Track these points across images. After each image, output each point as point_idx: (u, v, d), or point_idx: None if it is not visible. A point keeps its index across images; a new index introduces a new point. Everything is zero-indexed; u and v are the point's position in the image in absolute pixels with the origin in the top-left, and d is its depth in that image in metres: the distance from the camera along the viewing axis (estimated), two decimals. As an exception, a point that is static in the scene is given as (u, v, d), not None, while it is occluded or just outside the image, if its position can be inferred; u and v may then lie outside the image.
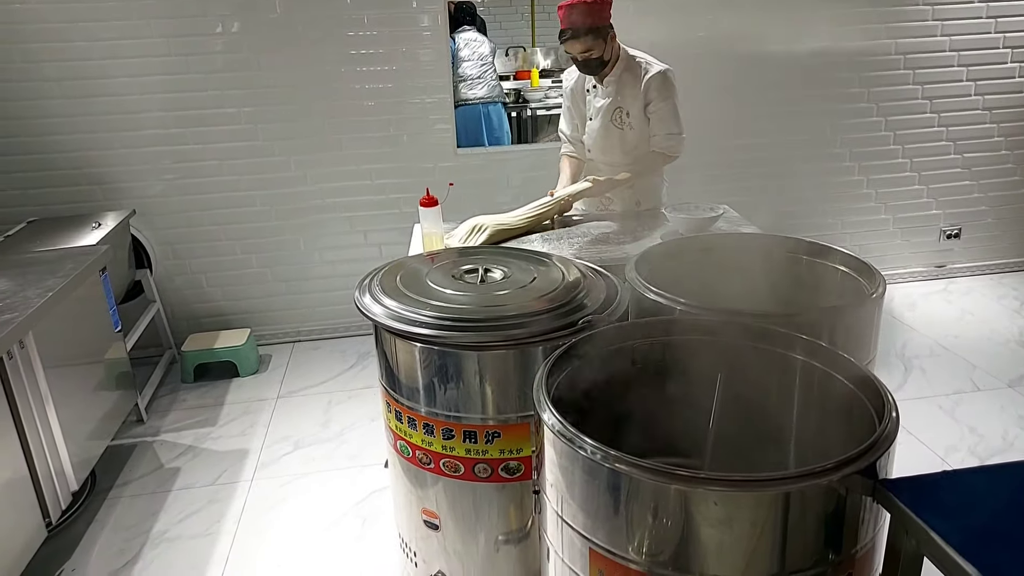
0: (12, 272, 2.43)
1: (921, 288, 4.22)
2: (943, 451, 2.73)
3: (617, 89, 2.66)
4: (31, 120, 3.34)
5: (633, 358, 1.58)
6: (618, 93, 2.66)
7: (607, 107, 2.68)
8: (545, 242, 2.42)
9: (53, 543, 2.41)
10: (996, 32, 3.90)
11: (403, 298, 1.72)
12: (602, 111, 2.70)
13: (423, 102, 3.61)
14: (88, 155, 3.44)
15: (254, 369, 3.57)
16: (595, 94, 2.74)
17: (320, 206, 3.70)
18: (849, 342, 1.61)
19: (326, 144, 3.60)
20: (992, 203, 4.25)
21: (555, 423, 1.23)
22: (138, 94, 3.39)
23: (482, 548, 1.77)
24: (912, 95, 3.97)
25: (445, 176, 3.60)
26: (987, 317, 3.82)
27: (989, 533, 0.99)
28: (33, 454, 2.15)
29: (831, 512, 1.09)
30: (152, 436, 3.07)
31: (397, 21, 3.47)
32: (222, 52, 3.39)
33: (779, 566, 1.10)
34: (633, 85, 2.64)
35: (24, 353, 2.14)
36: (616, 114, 2.68)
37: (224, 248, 3.69)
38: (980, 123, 4.08)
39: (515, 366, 1.61)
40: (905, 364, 3.36)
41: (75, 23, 3.24)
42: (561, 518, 1.25)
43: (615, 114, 2.68)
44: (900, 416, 1.19)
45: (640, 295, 1.73)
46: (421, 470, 1.75)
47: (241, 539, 2.46)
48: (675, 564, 1.11)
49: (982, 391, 3.12)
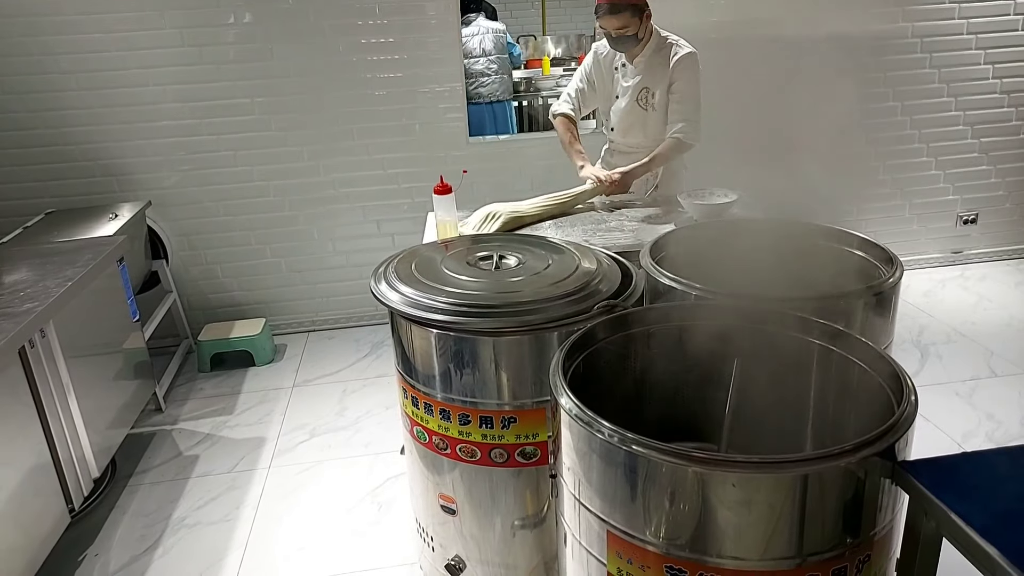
0: (32, 263, 2.46)
1: (938, 274, 4.19)
2: (960, 437, 2.71)
3: (647, 69, 2.67)
4: (48, 112, 3.37)
5: (649, 343, 1.58)
6: (647, 73, 2.67)
7: (635, 86, 2.70)
8: (558, 229, 2.42)
9: (76, 529, 2.45)
10: (1014, 14, 3.85)
11: (419, 285, 1.72)
12: (629, 90, 2.72)
13: (434, 91, 3.61)
14: (104, 147, 3.46)
15: (270, 358, 3.60)
16: (624, 72, 2.74)
17: (333, 196, 3.71)
18: (866, 327, 1.60)
19: (339, 134, 3.61)
20: (1010, 188, 4.20)
21: (572, 407, 1.23)
22: (153, 85, 3.40)
23: (499, 533, 1.78)
24: (929, 79, 3.92)
25: (458, 165, 3.60)
26: (1005, 303, 3.79)
27: (1011, 514, 0.99)
28: (55, 441, 2.19)
29: (850, 494, 1.09)
30: (171, 424, 3.11)
31: (408, 10, 3.47)
32: (235, 43, 3.40)
33: (797, 549, 1.10)
34: (662, 66, 2.65)
35: (45, 342, 2.17)
36: (643, 94, 2.69)
37: (239, 239, 3.71)
38: (998, 107, 4.02)
39: (531, 352, 1.62)
40: (921, 351, 3.34)
41: (90, 15, 3.26)
42: (579, 501, 1.26)
43: (641, 94, 2.70)
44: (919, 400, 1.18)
45: (655, 281, 1.73)
46: (438, 455, 1.76)
47: (259, 525, 2.48)
48: (693, 546, 1.12)
49: (999, 377, 3.10)
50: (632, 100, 2.72)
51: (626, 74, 2.74)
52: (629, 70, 2.72)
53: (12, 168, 3.42)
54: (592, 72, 2.86)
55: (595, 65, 2.84)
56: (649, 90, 2.69)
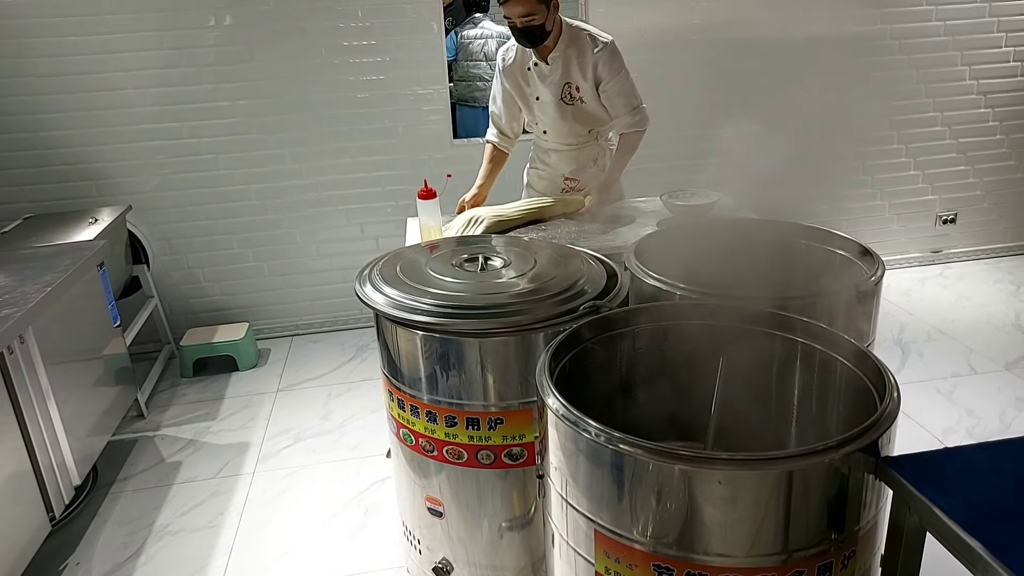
0: (10, 268, 2.42)
1: (917, 273, 4.24)
2: (941, 433, 2.75)
3: (563, 64, 2.56)
4: (25, 116, 3.33)
5: (634, 343, 1.59)
6: (564, 68, 2.56)
7: (555, 84, 2.59)
8: (542, 232, 2.43)
9: (57, 538, 2.42)
10: (990, 16, 3.91)
11: (404, 287, 1.72)
12: (550, 88, 2.60)
13: (417, 93, 3.60)
14: (83, 150, 3.42)
15: (253, 363, 3.57)
16: (539, 72, 2.61)
17: (316, 199, 3.69)
18: (848, 326, 1.62)
19: (321, 137, 3.59)
20: (988, 188, 4.27)
21: (559, 407, 1.23)
22: (132, 88, 3.37)
23: (486, 534, 1.78)
24: (907, 80, 3.97)
25: (441, 167, 3.60)
26: (984, 301, 3.84)
27: (992, 508, 1.00)
28: (35, 449, 2.16)
29: (834, 490, 1.10)
30: (153, 431, 3.07)
31: (390, 12, 3.46)
32: (216, 45, 3.38)
33: (783, 545, 1.10)
34: (579, 58, 2.54)
35: (24, 348, 2.14)
36: (565, 90, 2.58)
37: (221, 242, 3.68)
38: (975, 108, 4.09)
39: (517, 353, 1.62)
40: (903, 349, 3.38)
41: (67, 17, 3.23)
42: (566, 501, 1.26)
43: (564, 90, 2.59)
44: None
45: (640, 281, 1.74)
46: (424, 458, 1.76)
47: (244, 531, 2.46)
48: (680, 544, 1.12)
49: (979, 374, 3.14)
50: (557, 99, 2.60)
51: (541, 74, 2.60)
52: (544, 69, 2.59)
53: (-11, 172, 3.38)
54: (505, 82, 2.69)
55: (505, 75, 2.68)
56: (571, 84, 2.56)
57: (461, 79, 4.54)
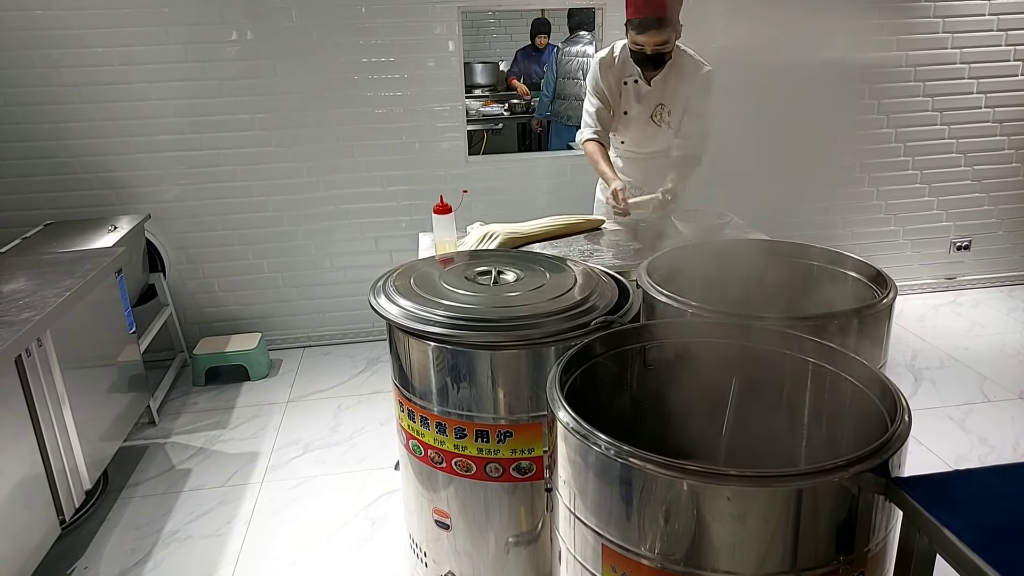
0: (30, 272, 2.46)
1: (931, 300, 4.22)
2: (953, 461, 2.72)
3: (663, 86, 2.58)
4: (49, 124, 3.39)
5: (645, 359, 1.60)
6: (663, 90, 2.58)
7: (649, 105, 2.61)
8: (554, 248, 2.44)
9: (66, 541, 2.43)
10: (1007, 45, 3.92)
11: (417, 299, 1.73)
12: (642, 107, 2.63)
13: (433, 110, 3.64)
14: (105, 159, 3.48)
15: (264, 373, 3.59)
16: (635, 90, 2.62)
17: (332, 212, 3.73)
18: (860, 348, 1.62)
19: (339, 151, 3.63)
20: (1002, 215, 4.25)
21: (569, 420, 1.24)
22: (154, 100, 3.43)
23: (492, 549, 1.77)
24: (922, 107, 3.98)
25: (457, 184, 3.63)
26: (997, 329, 3.81)
27: (1003, 531, 1.00)
28: (49, 452, 2.18)
29: (844, 510, 1.10)
30: (164, 438, 3.09)
31: (410, 30, 3.51)
32: (237, 59, 3.44)
33: (791, 563, 1.10)
34: (677, 80, 2.55)
35: (42, 352, 2.16)
36: (658, 111, 2.61)
37: (236, 253, 3.72)
38: (991, 135, 4.08)
39: (528, 366, 1.63)
40: (915, 375, 3.36)
41: (94, 29, 3.29)
42: (574, 515, 1.26)
43: (656, 110, 2.61)
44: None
45: (652, 298, 1.75)
46: (433, 470, 1.76)
47: (251, 540, 2.47)
48: (688, 560, 1.12)
49: (992, 402, 3.11)
50: (647, 117, 2.62)
51: (639, 92, 2.62)
52: (643, 88, 2.60)
53: (12, 179, 3.43)
54: (601, 86, 2.68)
55: (603, 80, 2.67)
56: (664, 107, 2.58)
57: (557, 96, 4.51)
